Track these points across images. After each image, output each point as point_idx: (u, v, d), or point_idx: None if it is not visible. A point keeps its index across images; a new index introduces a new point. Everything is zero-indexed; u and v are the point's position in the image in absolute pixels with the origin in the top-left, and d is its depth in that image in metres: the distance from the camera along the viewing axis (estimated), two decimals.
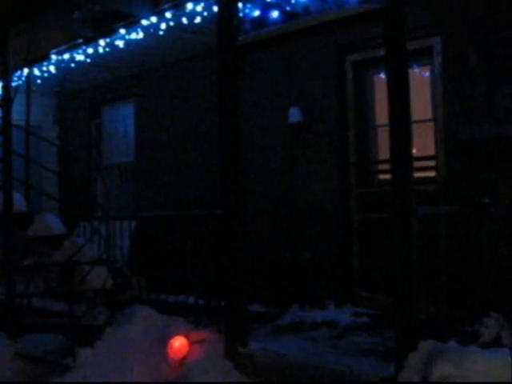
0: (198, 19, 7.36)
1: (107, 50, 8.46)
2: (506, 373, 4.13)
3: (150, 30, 7.74)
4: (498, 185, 5.98)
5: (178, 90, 9.24)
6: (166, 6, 7.32)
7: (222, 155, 5.89)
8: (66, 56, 8.87)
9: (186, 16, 7.34)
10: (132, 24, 7.70)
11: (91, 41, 8.33)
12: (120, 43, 8.20)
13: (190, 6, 7.07)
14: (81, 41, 8.43)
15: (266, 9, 6.60)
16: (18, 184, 7.61)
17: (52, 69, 9.48)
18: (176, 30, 7.70)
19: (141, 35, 7.90)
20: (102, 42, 8.28)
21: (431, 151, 6.70)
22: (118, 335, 6.07)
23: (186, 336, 5.91)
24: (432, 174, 6.67)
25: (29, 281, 7.53)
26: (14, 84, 7.69)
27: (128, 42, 8.16)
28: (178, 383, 5.51)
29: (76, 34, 8.47)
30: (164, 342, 5.91)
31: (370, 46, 7.01)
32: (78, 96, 11.03)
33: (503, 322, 5.46)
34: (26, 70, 9.09)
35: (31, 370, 6.21)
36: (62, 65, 9.23)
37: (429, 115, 6.74)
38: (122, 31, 7.83)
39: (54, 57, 8.92)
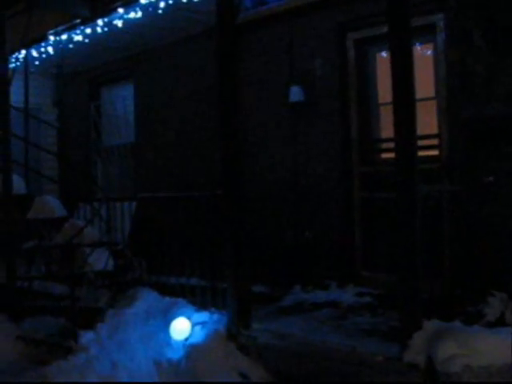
0: None
1: (105, 29, 8.37)
2: (510, 352, 4.11)
3: (149, 9, 7.64)
4: (502, 163, 5.93)
5: (178, 69, 9.17)
6: None
7: (222, 134, 5.85)
8: (64, 37, 8.77)
9: None
10: (130, 3, 7.59)
11: (89, 21, 8.23)
12: (118, 23, 8.10)
13: None
14: (78, 21, 8.33)
15: None
16: (17, 166, 7.57)
17: (50, 50, 9.38)
18: (175, 8, 7.60)
19: (139, 14, 7.80)
20: (100, 22, 8.18)
21: (434, 129, 6.65)
22: (120, 317, 6.05)
23: (189, 317, 5.91)
24: (435, 152, 6.62)
25: (29, 263, 7.51)
26: (11, 66, 7.62)
27: (126, 22, 8.06)
28: (179, 383, 5.49)
29: (74, 13, 8.35)
30: (166, 323, 5.90)
31: (372, 24, 6.92)
32: (77, 77, 10.95)
33: (507, 302, 5.43)
34: (23, 52, 9.00)
35: (33, 353, 6.20)
36: (60, 46, 9.13)
37: (432, 93, 6.68)
38: (121, 10, 7.73)
39: (51, 37, 8.82)
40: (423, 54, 6.90)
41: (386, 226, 6.75)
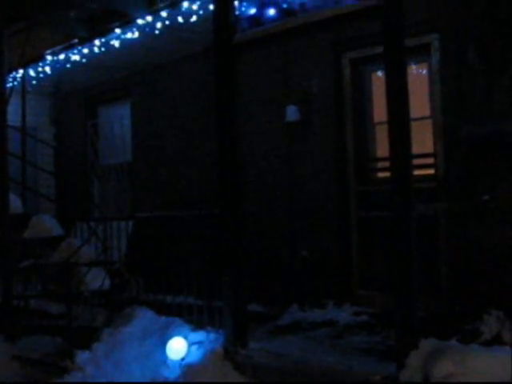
0: (193, 18, 7.33)
1: (103, 49, 8.43)
2: (506, 371, 4.11)
3: (146, 30, 7.71)
4: (498, 181, 5.95)
5: (175, 89, 9.20)
6: (162, 5, 7.30)
7: (219, 154, 5.88)
8: (62, 56, 8.84)
9: (181, 15, 7.31)
10: (127, 23, 7.66)
11: (86, 41, 8.30)
12: (115, 43, 8.17)
13: (185, 4, 7.05)
14: (76, 41, 8.40)
15: (263, 6, 6.59)
16: (14, 185, 7.58)
17: (47, 69, 9.44)
18: (172, 29, 7.66)
19: (136, 35, 7.87)
20: (97, 42, 8.25)
21: (430, 149, 6.67)
22: (117, 336, 6.05)
23: (185, 337, 5.89)
24: (431, 171, 6.64)
25: (26, 282, 7.50)
26: (9, 85, 7.66)
27: (123, 42, 8.12)
28: (178, 383, 5.48)
29: (71, 33, 8.42)
30: (163, 342, 5.89)
31: (368, 43, 6.97)
32: (74, 96, 10.98)
33: (504, 320, 5.43)
34: (21, 71, 9.05)
35: (29, 373, 6.18)
36: (58, 65, 9.19)
37: (427, 112, 6.72)
38: (118, 31, 7.80)
39: (49, 57, 8.89)
40: (418, 73, 6.95)
41: (382, 244, 6.76)
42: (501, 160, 5.93)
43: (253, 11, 7.37)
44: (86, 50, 8.54)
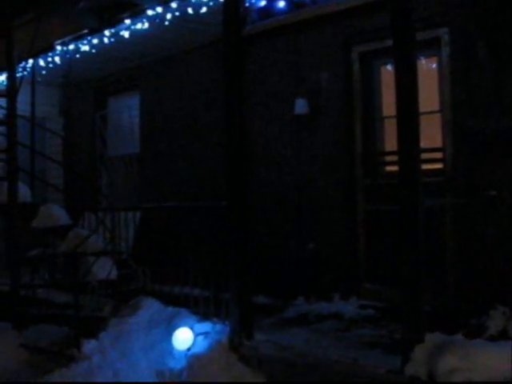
0: (203, 9, 7.32)
1: (112, 40, 8.43)
2: (511, 366, 4.11)
3: (156, 21, 7.70)
4: (506, 176, 5.94)
5: (184, 80, 9.21)
6: None
7: (227, 146, 5.88)
8: (71, 47, 8.84)
9: (191, 6, 7.30)
10: (137, 14, 7.65)
11: (96, 31, 8.30)
12: (125, 34, 8.16)
13: None
14: (86, 31, 8.40)
15: None
16: (22, 175, 7.60)
17: (57, 59, 9.44)
18: (181, 20, 7.65)
19: (146, 25, 7.86)
20: (107, 33, 8.24)
21: (438, 143, 6.66)
22: (123, 326, 6.08)
23: (191, 327, 5.92)
24: (439, 165, 6.63)
25: (34, 272, 7.53)
26: (18, 75, 7.67)
27: (133, 33, 8.12)
28: (181, 383, 5.50)
29: (81, 24, 8.42)
30: (169, 333, 5.92)
31: (377, 37, 6.95)
32: (83, 87, 11.00)
33: (510, 315, 5.43)
34: (30, 61, 9.06)
35: (36, 361, 6.22)
36: (67, 55, 9.19)
37: (436, 107, 6.70)
38: (128, 21, 7.79)
39: (59, 47, 8.89)
40: (428, 67, 6.93)
41: (389, 238, 6.75)
42: (509, 155, 5.92)
43: (263, 3, 7.37)
44: (95, 41, 8.54)
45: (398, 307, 4.79)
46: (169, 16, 7.54)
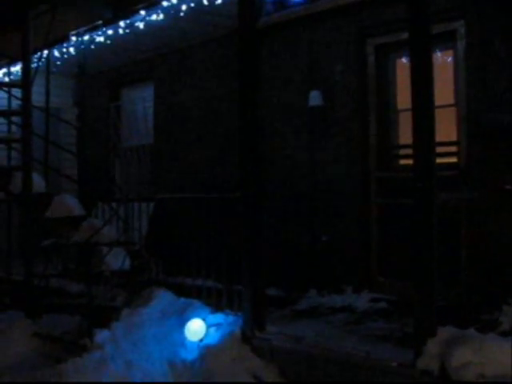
0: (218, 1, 7.30)
1: (127, 31, 8.43)
2: None
3: (171, 12, 7.69)
4: None
5: (198, 72, 9.21)
6: None
7: (241, 137, 5.88)
8: (86, 37, 8.85)
9: None
10: (152, 5, 7.65)
11: (111, 22, 8.31)
12: (140, 25, 8.16)
13: None
14: (101, 22, 8.41)
15: None
16: (37, 165, 7.63)
17: (72, 50, 9.47)
18: (197, 11, 7.64)
19: (161, 17, 7.85)
20: (121, 24, 8.25)
21: (453, 137, 6.63)
22: (136, 317, 6.10)
23: (204, 319, 5.93)
24: (454, 159, 6.60)
25: (47, 261, 7.57)
26: (33, 65, 7.69)
27: (148, 24, 8.11)
28: (191, 383, 5.51)
29: (96, 15, 8.43)
30: (181, 324, 5.93)
31: (393, 29, 6.92)
32: (98, 78, 11.03)
33: None
34: (45, 52, 9.07)
35: (49, 350, 6.26)
36: (82, 46, 9.21)
37: (451, 100, 6.66)
38: (143, 12, 7.79)
39: (73, 38, 8.91)
40: (443, 60, 6.89)
41: (402, 232, 6.72)
42: None
43: None
44: (110, 32, 8.55)
45: (410, 301, 4.79)
46: (184, 7, 7.53)
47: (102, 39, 8.83)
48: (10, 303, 7.48)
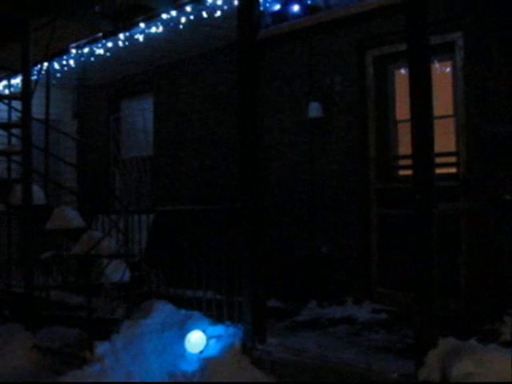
0: (218, 13, 7.33)
1: (127, 44, 8.47)
2: None
3: (170, 24, 7.73)
4: None
5: (197, 84, 9.24)
6: None
7: (241, 148, 5.88)
8: (86, 50, 8.89)
9: (206, 10, 7.31)
10: (152, 18, 7.68)
11: (111, 35, 8.33)
12: (140, 37, 8.20)
13: None
14: (100, 35, 8.44)
15: (287, 3, 6.57)
16: (37, 177, 7.64)
17: (72, 62, 9.50)
18: (196, 24, 7.68)
19: (161, 29, 7.88)
20: (121, 36, 8.28)
21: (452, 147, 6.64)
22: (136, 329, 6.08)
23: (204, 330, 5.92)
24: (453, 170, 6.62)
25: (47, 273, 7.57)
26: (33, 78, 7.72)
27: (148, 36, 8.15)
28: (195, 383, 5.50)
29: (96, 27, 8.46)
30: (181, 336, 5.92)
31: (391, 41, 6.96)
32: (97, 90, 11.06)
33: None
34: (45, 64, 9.10)
35: (49, 362, 6.25)
36: (82, 59, 9.25)
37: (450, 111, 6.69)
38: (142, 25, 7.82)
39: (73, 51, 8.94)
40: (442, 71, 6.91)
41: (402, 242, 6.73)
42: None
43: (277, 7, 7.35)
44: (110, 44, 8.58)
45: (411, 312, 4.78)
46: (183, 20, 7.56)
47: (101, 52, 8.87)
48: (10, 315, 7.46)
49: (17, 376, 5.97)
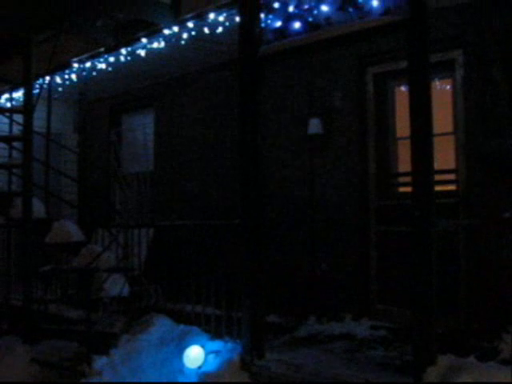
0: (219, 29, 7.37)
1: (128, 58, 8.50)
2: None
3: (172, 40, 7.77)
4: None
5: (198, 99, 9.27)
6: (189, 15, 7.34)
7: (242, 165, 5.90)
8: (88, 64, 8.92)
9: (207, 26, 7.35)
10: (154, 33, 7.72)
11: (113, 49, 8.38)
12: (141, 52, 8.24)
13: (212, 15, 7.09)
14: (102, 49, 8.49)
15: (288, 19, 6.59)
16: (37, 191, 7.66)
17: (73, 77, 9.54)
18: (198, 39, 7.72)
19: (162, 44, 7.92)
20: (123, 51, 8.32)
21: (452, 165, 6.66)
22: (134, 343, 6.08)
23: (202, 346, 5.91)
24: (452, 187, 6.63)
25: (46, 287, 7.56)
26: (35, 91, 7.76)
27: (149, 51, 8.19)
28: None
29: (98, 42, 8.52)
30: (180, 351, 5.91)
31: (392, 58, 6.99)
32: (99, 104, 11.10)
33: None
34: (47, 78, 9.15)
35: (47, 376, 6.23)
36: (84, 73, 9.29)
37: (450, 128, 6.71)
38: (144, 40, 7.86)
39: (75, 65, 8.98)
40: (442, 88, 6.95)
41: (402, 259, 6.73)
42: None
43: (278, 24, 7.38)
44: (112, 59, 8.62)
45: (409, 328, 4.78)
46: (185, 35, 7.61)
47: (103, 66, 8.91)
48: (8, 328, 7.45)
49: None
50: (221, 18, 7.16)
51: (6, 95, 10.23)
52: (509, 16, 6.03)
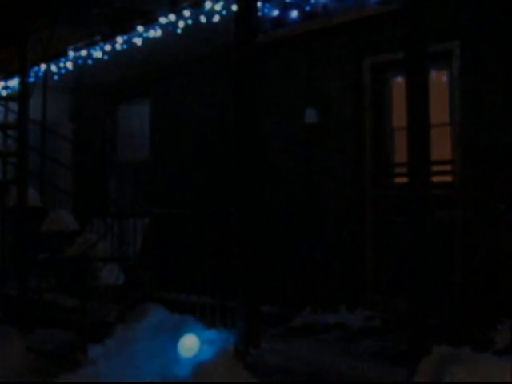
0: (216, 18, 7.36)
1: (124, 47, 8.49)
2: None
3: (168, 28, 7.76)
4: None
5: (195, 88, 9.23)
6: (185, 4, 7.32)
7: (237, 153, 5.88)
8: (84, 53, 8.91)
9: (204, 15, 7.34)
10: (150, 21, 7.71)
11: (109, 38, 8.36)
12: (137, 41, 8.22)
13: (208, 4, 7.09)
14: (98, 37, 8.46)
15: (286, 8, 6.61)
16: (32, 179, 7.64)
17: (69, 65, 9.52)
18: (194, 28, 7.69)
19: (159, 33, 7.91)
20: (119, 39, 8.31)
21: (448, 156, 6.66)
22: (129, 332, 6.08)
23: (197, 335, 5.91)
24: (448, 178, 6.63)
25: (41, 276, 7.55)
26: (31, 80, 7.72)
27: (145, 40, 8.18)
28: (188, 383, 5.50)
29: (94, 30, 8.49)
30: (175, 340, 5.91)
31: (389, 48, 6.96)
32: (95, 93, 11.04)
33: None
34: (43, 66, 9.12)
35: (42, 365, 6.23)
36: (79, 61, 9.27)
37: (446, 119, 6.70)
38: (140, 29, 7.85)
39: (71, 53, 8.97)
40: (438, 80, 6.93)
41: (397, 250, 6.74)
42: None
43: (276, 13, 7.39)
44: (108, 47, 8.61)
45: (404, 318, 4.79)
46: (181, 24, 7.59)
47: (99, 54, 8.89)
48: (3, 317, 7.44)
49: (9, 378, 5.95)
50: (217, 7, 7.17)
51: (2, 83, 10.18)
52: (507, 7, 6.01)
